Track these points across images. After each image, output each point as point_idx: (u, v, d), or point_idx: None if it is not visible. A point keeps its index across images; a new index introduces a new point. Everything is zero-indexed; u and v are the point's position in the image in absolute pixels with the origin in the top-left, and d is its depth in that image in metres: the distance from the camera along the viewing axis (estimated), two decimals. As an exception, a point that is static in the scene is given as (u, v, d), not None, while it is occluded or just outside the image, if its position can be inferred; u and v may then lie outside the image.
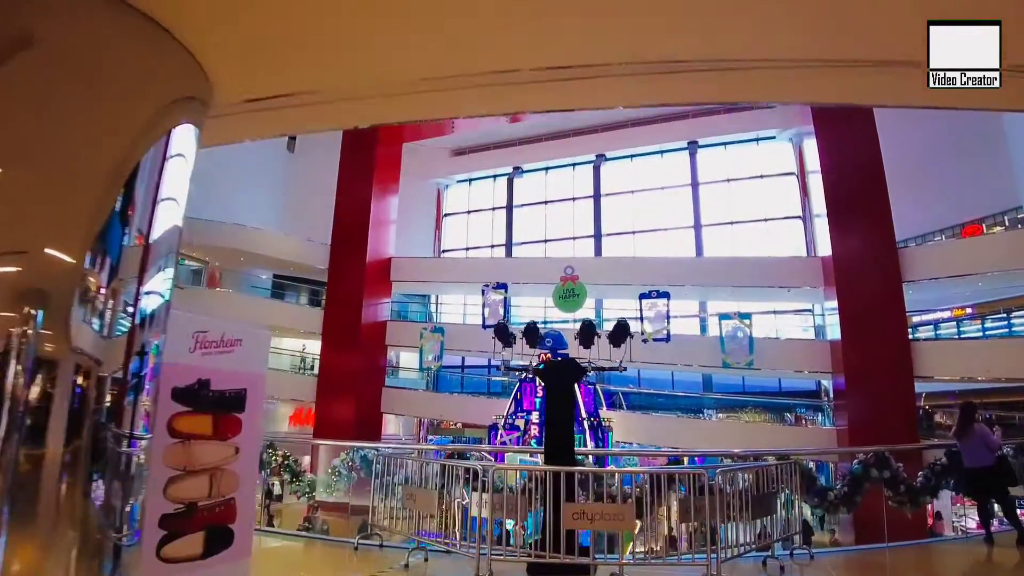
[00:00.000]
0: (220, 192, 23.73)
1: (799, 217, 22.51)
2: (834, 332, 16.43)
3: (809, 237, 21.78)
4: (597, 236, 25.36)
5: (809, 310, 21.85)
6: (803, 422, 20.44)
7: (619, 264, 21.02)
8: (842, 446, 15.56)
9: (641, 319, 16.47)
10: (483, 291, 18.92)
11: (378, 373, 22.05)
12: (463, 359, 27.33)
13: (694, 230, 23.80)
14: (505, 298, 18.53)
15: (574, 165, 26.70)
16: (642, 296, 16.56)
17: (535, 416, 15.53)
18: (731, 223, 23.50)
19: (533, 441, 15.26)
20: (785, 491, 5.63)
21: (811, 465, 6.33)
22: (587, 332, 7.30)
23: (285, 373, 23.18)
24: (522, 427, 15.83)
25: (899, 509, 6.00)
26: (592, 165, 26.22)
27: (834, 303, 16.15)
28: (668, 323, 16.26)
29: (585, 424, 15.19)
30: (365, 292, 21.56)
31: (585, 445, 15.04)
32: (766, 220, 23.14)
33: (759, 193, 23.50)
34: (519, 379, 16.65)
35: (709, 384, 23.25)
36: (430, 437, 25.96)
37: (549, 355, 16.58)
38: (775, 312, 22.22)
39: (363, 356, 21.24)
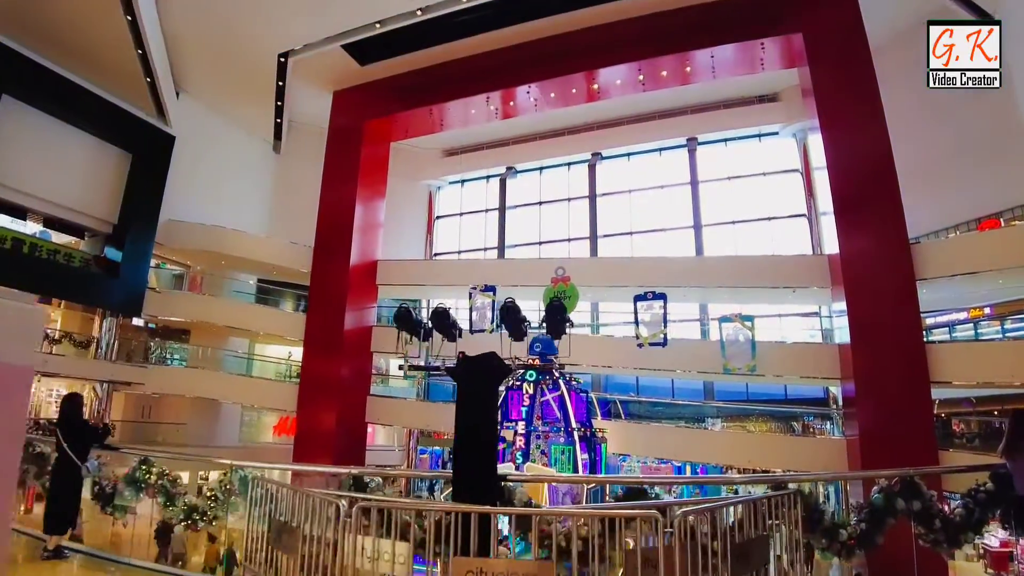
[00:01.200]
0: (202, 194, 22.92)
1: (804, 216, 21.52)
2: (842, 335, 15.36)
3: (815, 236, 20.79)
4: (593, 237, 24.38)
5: (815, 313, 20.80)
6: (811, 431, 19.35)
7: (613, 265, 20.02)
8: (852, 457, 14.45)
9: (636, 323, 15.46)
10: (470, 294, 17.97)
11: (363, 381, 21.05)
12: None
13: (694, 230, 22.80)
14: (493, 301, 17.55)
15: (569, 164, 25.76)
16: (637, 298, 15.55)
17: (521, 427, 14.51)
18: (733, 222, 22.50)
19: (519, 454, 14.25)
20: (784, 529, 4.40)
21: (812, 490, 5.05)
22: (510, 315, 5.70)
23: (269, 381, 22.19)
24: (510, 439, 14.82)
25: (932, 549, 4.86)
26: (587, 164, 25.28)
27: (842, 304, 15.07)
28: (665, 326, 15.25)
29: (575, 435, 14.17)
30: (349, 296, 20.61)
31: (575, 457, 14.05)
32: (770, 219, 22.15)
33: (762, 191, 22.53)
34: (507, 387, 15.66)
35: (711, 392, 22.16)
36: (420, 448, 24.95)
37: (537, 361, 15.62)
38: (780, 316, 21.15)
39: (347, 363, 20.26)
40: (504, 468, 13.84)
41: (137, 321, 22.22)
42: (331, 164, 22.51)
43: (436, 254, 27.38)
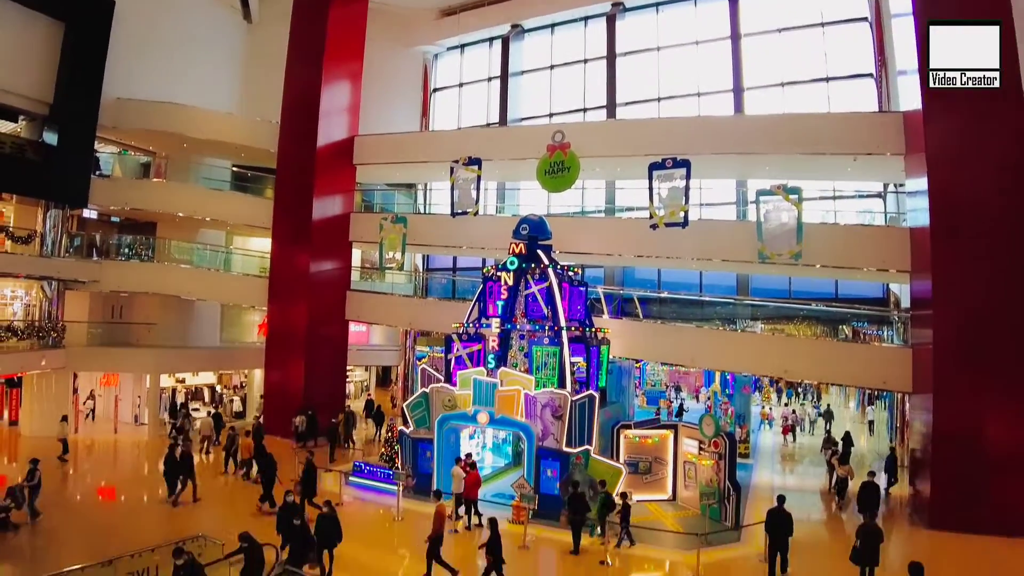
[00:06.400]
0: (157, 69, 19.70)
1: (870, 75, 17.28)
2: (918, 218, 11.81)
3: (883, 102, 16.65)
4: (612, 105, 20.53)
5: (879, 194, 17.08)
6: (862, 337, 16.16)
7: (627, 127, 16.29)
8: (920, 372, 11.38)
9: (651, 198, 12.23)
10: (451, 168, 14.86)
11: (341, 274, 18.49)
12: (455, 259, 23.70)
13: (733, 95, 18.80)
14: (479, 176, 14.47)
15: (586, 19, 21.54)
16: (652, 167, 12.22)
17: (495, 324, 11.76)
18: (781, 84, 18.40)
19: (491, 356, 11.59)
20: None
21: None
22: None
23: (236, 275, 19.80)
24: (487, 337, 12.14)
25: None
26: (606, 17, 20.97)
27: (921, 180, 11.39)
28: (686, 203, 11.97)
29: (564, 335, 11.36)
30: (321, 181, 17.64)
31: (562, 362, 11.32)
32: (827, 80, 17.95)
33: (819, 47, 18.17)
34: (485, 277, 12.82)
35: (746, 287, 18.92)
36: (419, 349, 22.77)
37: (524, 245, 12.65)
38: (834, 196, 17.47)
39: (319, 254, 17.64)
40: (472, 372, 11.29)
41: (89, 214, 19.85)
42: (297, 29, 18.92)
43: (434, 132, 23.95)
